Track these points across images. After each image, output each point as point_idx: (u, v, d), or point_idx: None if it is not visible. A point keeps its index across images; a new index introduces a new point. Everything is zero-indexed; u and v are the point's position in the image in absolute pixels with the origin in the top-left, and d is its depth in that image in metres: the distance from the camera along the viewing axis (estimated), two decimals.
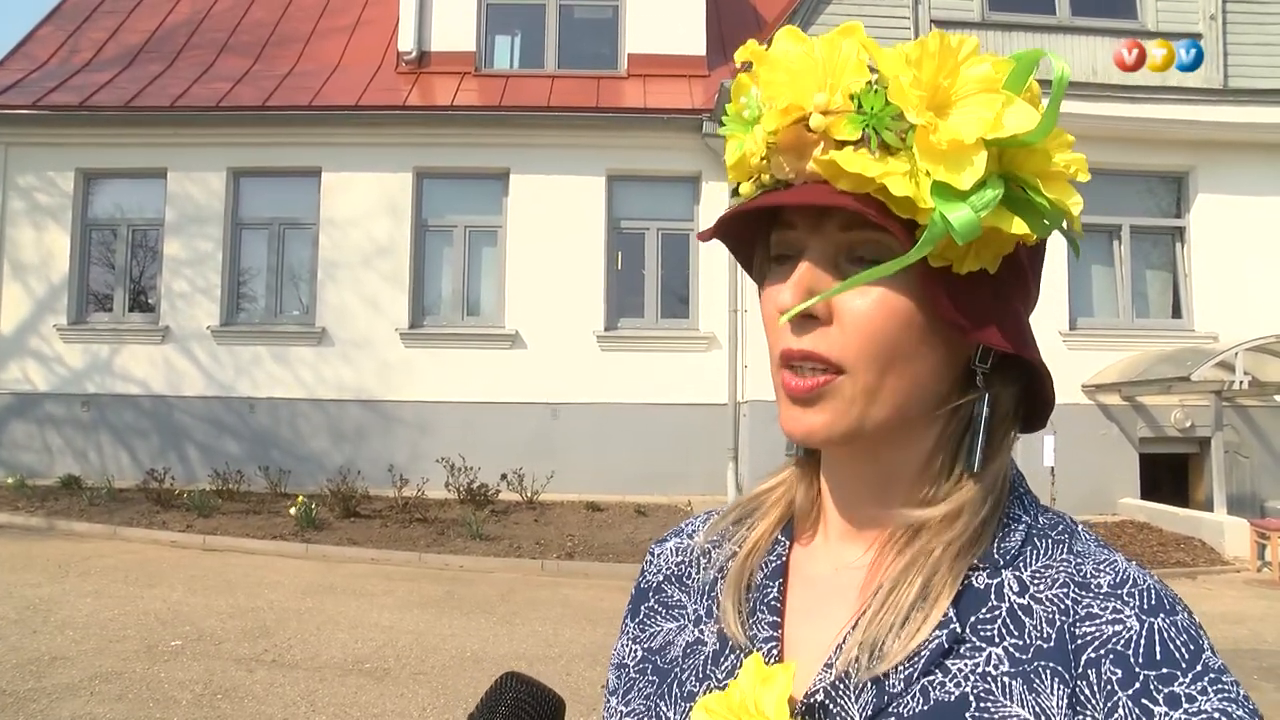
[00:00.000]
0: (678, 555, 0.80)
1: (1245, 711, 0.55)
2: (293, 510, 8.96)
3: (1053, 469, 8.78)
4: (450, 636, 5.79)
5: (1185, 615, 0.60)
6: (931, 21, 10.12)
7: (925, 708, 0.60)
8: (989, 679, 0.60)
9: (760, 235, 0.69)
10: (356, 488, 9.66)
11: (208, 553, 8.17)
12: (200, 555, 8.05)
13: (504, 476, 10.06)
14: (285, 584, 7.04)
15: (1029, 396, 0.69)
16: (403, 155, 11.17)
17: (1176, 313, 10.99)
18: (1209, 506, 9.59)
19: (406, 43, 12.02)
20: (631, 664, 0.76)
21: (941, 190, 0.58)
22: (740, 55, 0.66)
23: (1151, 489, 10.41)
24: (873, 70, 0.61)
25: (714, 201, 11.02)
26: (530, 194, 11.15)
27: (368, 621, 6.06)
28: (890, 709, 0.61)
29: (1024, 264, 0.65)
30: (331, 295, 11.17)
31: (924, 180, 0.58)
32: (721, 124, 0.68)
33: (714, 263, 10.85)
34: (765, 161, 0.64)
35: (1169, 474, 10.71)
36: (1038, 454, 8.76)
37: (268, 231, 11.49)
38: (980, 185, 0.58)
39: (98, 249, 11.64)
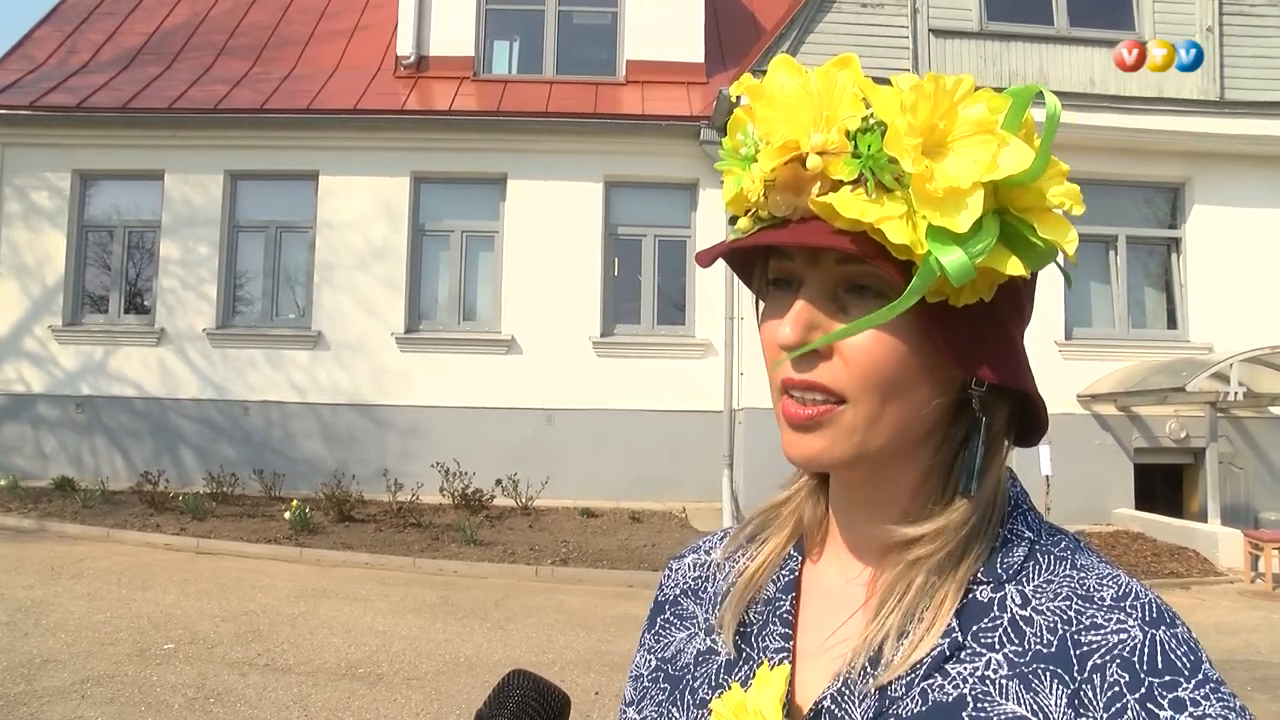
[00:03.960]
0: (695, 570, 0.83)
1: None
2: (287, 514, 8.93)
3: (1048, 478, 8.80)
4: (444, 642, 5.78)
5: (1185, 629, 0.62)
6: (930, 32, 10.12)
7: (924, 709, 0.62)
8: (987, 681, 0.62)
9: (759, 258, 0.70)
10: (351, 492, 9.62)
11: (201, 556, 8.15)
12: (194, 558, 8.02)
13: (499, 482, 10.05)
14: (279, 588, 7.02)
15: (1023, 412, 0.70)
16: (400, 159, 11.16)
17: (1172, 323, 11.02)
18: (1203, 517, 9.59)
19: (405, 47, 12.02)
20: (645, 674, 0.79)
21: (937, 234, 0.59)
22: (735, 90, 0.67)
23: (1146, 499, 10.42)
24: (867, 105, 0.61)
25: (711, 208, 11.02)
26: (527, 199, 11.15)
27: (361, 626, 6.04)
28: (890, 711, 0.63)
29: (1019, 288, 0.65)
30: (328, 299, 11.16)
31: (921, 223, 0.59)
32: (720, 158, 0.68)
33: (710, 270, 10.76)
34: (763, 198, 0.64)
35: (1164, 484, 10.73)
36: (1034, 464, 8.77)
37: (264, 235, 11.47)
38: (976, 227, 0.59)
39: (94, 250, 11.61)
